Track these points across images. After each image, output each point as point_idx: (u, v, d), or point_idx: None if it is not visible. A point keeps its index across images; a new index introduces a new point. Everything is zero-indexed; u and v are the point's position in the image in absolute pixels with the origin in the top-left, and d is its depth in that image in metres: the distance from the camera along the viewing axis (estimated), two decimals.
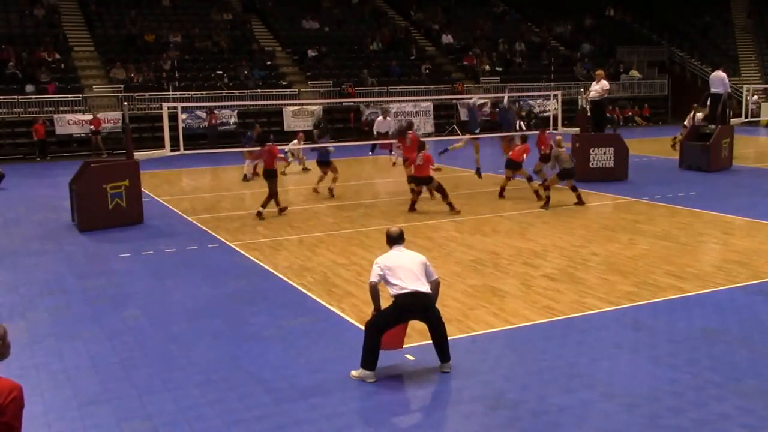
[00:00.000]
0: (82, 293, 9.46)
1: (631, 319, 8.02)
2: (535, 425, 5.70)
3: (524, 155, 15.79)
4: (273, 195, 14.39)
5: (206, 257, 11.31)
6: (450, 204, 14.35)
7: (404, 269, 6.60)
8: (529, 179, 16.03)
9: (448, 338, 6.77)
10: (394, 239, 6.87)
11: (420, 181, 14.70)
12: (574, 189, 14.85)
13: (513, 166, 15.78)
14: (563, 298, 8.80)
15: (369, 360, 6.58)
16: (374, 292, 6.66)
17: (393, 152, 21.84)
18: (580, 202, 14.75)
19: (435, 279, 6.77)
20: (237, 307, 8.75)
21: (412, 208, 14.66)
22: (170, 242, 12.31)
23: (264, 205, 14.25)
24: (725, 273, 9.77)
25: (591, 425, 5.68)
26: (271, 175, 14.51)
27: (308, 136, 23.59)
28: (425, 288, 6.59)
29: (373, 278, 6.65)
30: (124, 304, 8.87)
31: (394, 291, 6.55)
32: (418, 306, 6.57)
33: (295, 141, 21.20)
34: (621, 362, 6.87)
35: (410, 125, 17.23)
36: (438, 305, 8.53)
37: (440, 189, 14.53)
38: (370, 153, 24.78)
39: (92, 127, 26.59)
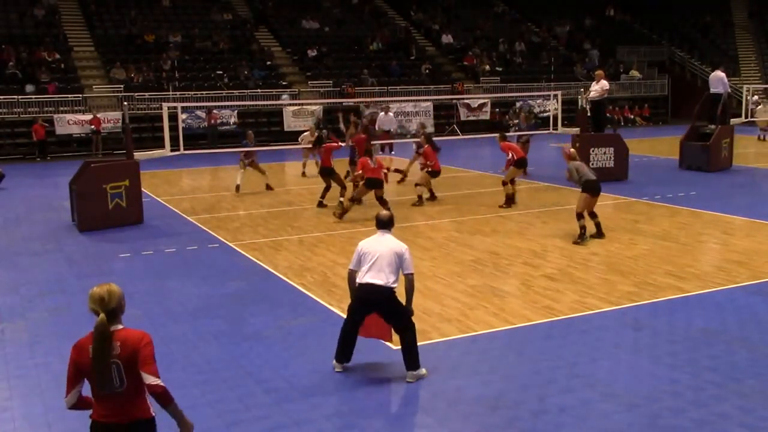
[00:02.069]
0: (82, 293, 9.39)
1: (631, 319, 8.02)
2: (535, 425, 5.70)
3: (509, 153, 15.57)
4: (343, 187, 14.92)
5: (206, 257, 11.30)
6: (344, 209, 13.90)
7: (374, 256, 6.43)
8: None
9: (448, 338, 6.76)
10: (380, 223, 6.72)
11: (371, 183, 13.82)
12: (592, 216, 12.08)
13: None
14: (563, 298, 8.80)
15: (337, 351, 6.71)
16: (350, 279, 6.67)
17: (393, 152, 21.80)
18: (599, 233, 11.97)
19: (408, 273, 6.47)
20: (237, 307, 8.75)
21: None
22: (170, 242, 12.30)
23: (346, 198, 14.44)
24: (725, 273, 9.77)
25: (591, 425, 5.68)
26: (328, 173, 14.90)
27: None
28: (383, 281, 6.35)
29: (351, 264, 6.64)
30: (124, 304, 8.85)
31: (358, 278, 6.52)
32: (370, 299, 6.44)
33: (307, 133, 20.94)
34: (621, 362, 6.87)
35: (429, 135, 17.17)
36: (438, 305, 8.57)
37: (382, 200, 13.78)
38: (381, 152, 24.70)
39: (93, 126, 26.59)
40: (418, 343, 6.70)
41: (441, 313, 8.32)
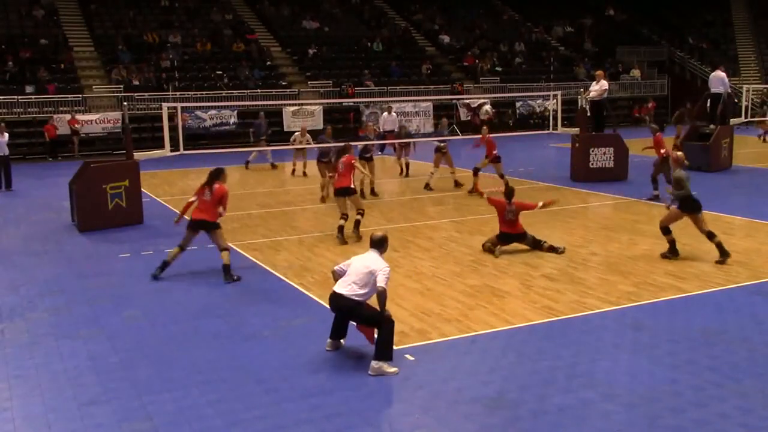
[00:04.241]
0: (82, 293, 9.45)
1: (631, 319, 8.01)
2: (535, 425, 5.70)
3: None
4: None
5: (206, 257, 11.29)
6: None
7: (351, 269, 6.91)
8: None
9: (448, 338, 6.76)
10: (371, 243, 7.07)
11: (340, 192, 12.28)
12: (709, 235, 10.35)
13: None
14: (563, 298, 8.80)
15: (332, 329, 7.24)
16: (333, 277, 7.15)
17: (396, 152, 21.77)
18: (722, 255, 10.23)
19: (379, 286, 6.69)
20: (237, 307, 8.75)
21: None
22: (170, 242, 12.26)
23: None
24: (725, 273, 9.76)
25: (591, 425, 5.68)
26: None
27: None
28: (347, 291, 6.77)
29: (336, 266, 7.19)
30: (124, 304, 8.87)
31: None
32: (335, 306, 6.94)
33: (297, 133, 20.92)
34: (621, 362, 6.87)
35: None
36: (438, 305, 8.57)
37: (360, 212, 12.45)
38: (379, 152, 24.71)
39: (74, 126, 26.45)
40: (420, 343, 6.71)
41: (441, 313, 8.32)
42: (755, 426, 5.62)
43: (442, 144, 17.54)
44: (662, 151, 15.07)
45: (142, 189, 14.73)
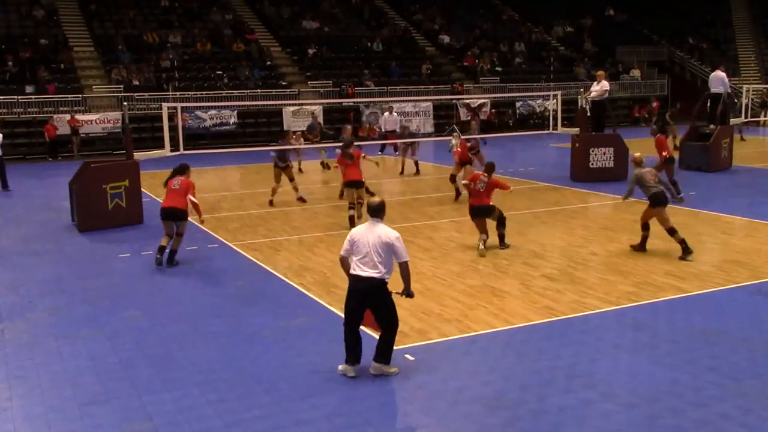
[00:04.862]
0: (82, 293, 9.45)
1: (631, 319, 8.02)
2: (535, 425, 5.70)
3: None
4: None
5: (206, 257, 11.30)
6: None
7: (364, 246, 6.46)
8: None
9: (448, 338, 6.76)
10: (372, 210, 6.72)
11: (352, 184, 13.32)
12: (671, 232, 10.68)
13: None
14: (563, 299, 8.80)
15: (346, 351, 6.65)
16: (343, 264, 6.73)
17: (398, 152, 21.79)
18: (685, 253, 10.48)
19: (403, 261, 6.52)
20: (237, 307, 8.75)
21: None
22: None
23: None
24: (725, 273, 9.77)
25: (591, 425, 5.68)
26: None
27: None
28: (374, 272, 6.39)
29: (342, 251, 6.69)
30: (124, 304, 8.87)
31: (351, 269, 6.57)
32: (360, 290, 6.46)
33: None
34: (621, 362, 6.87)
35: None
36: (438, 305, 8.57)
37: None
38: (380, 152, 24.73)
39: (74, 125, 26.43)
40: (420, 343, 6.71)
41: (441, 314, 8.32)
42: (755, 426, 5.62)
43: (471, 144, 17.15)
44: (664, 153, 15.06)
45: (142, 189, 14.72)
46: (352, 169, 13.44)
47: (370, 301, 6.50)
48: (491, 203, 11.24)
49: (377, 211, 6.66)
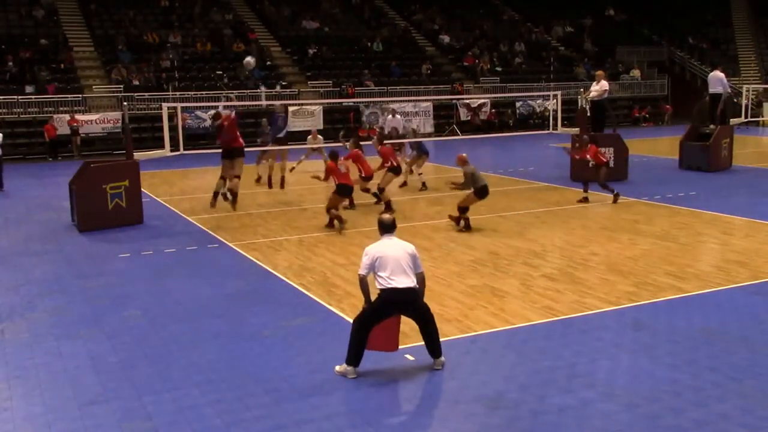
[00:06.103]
0: (82, 293, 9.45)
1: (631, 319, 8.01)
2: (535, 425, 5.70)
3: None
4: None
5: (206, 257, 11.30)
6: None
7: (392, 260, 6.54)
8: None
9: (448, 338, 6.76)
10: (386, 228, 6.80)
11: (343, 190, 13.30)
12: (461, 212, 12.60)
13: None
14: (563, 298, 8.80)
15: (353, 355, 6.59)
16: (363, 284, 6.66)
17: (400, 152, 21.75)
18: (464, 226, 12.58)
19: (420, 272, 6.69)
20: (237, 307, 8.75)
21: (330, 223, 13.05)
22: (170, 242, 12.30)
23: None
24: (725, 273, 9.77)
25: (591, 425, 5.68)
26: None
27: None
28: (410, 282, 6.51)
29: (362, 270, 6.64)
30: (124, 304, 8.87)
31: (380, 283, 6.52)
32: (402, 300, 6.52)
33: (310, 137, 21.15)
34: (621, 362, 6.87)
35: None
36: (438, 305, 8.56)
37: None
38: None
39: (74, 125, 26.44)
40: (420, 343, 6.72)
41: (441, 314, 8.31)
42: (755, 426, 5.62)
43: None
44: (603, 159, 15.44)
45: (142, 189, 14.72)
46: (343, 174, 13.30)
47: (412, 309, 6.65)
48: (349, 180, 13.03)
49: (391, 228, 6.83)
